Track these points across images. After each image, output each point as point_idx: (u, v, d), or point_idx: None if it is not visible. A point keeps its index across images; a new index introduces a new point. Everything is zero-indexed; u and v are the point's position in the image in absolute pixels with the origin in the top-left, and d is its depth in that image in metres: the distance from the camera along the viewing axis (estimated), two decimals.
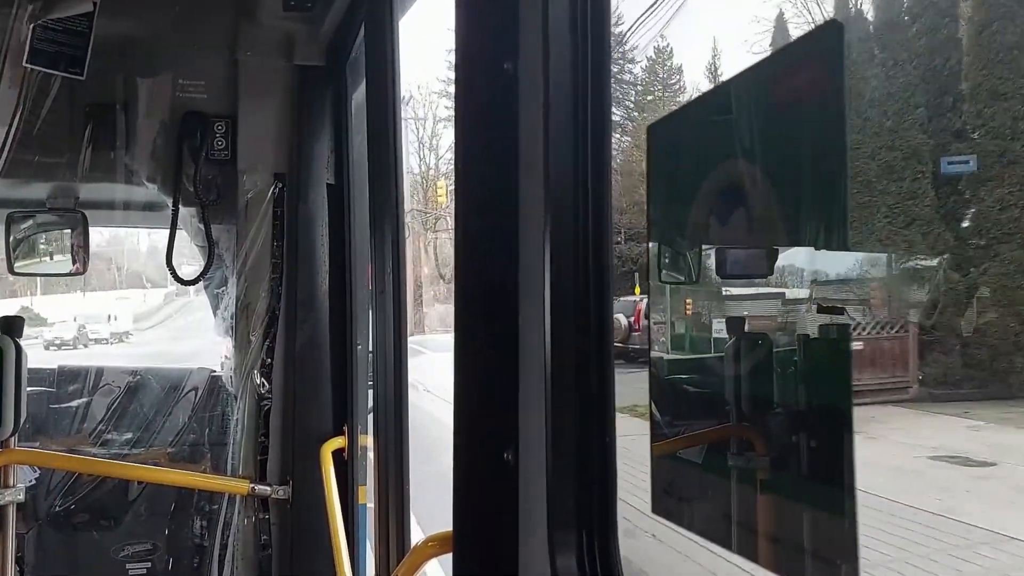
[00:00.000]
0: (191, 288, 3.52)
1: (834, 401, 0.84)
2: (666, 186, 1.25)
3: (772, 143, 0.89)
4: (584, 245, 1.25)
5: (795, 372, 0.92)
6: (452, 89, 1.54)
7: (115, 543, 3.51)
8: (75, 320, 28.83)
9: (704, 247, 1.12)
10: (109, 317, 30.87)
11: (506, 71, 1.35)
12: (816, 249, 0.83)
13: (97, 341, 28.30)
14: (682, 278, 1.39)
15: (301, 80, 3.16)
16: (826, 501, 0.83)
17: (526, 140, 1.32)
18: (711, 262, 1.12)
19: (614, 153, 1.18)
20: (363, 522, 3.02)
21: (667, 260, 1.29)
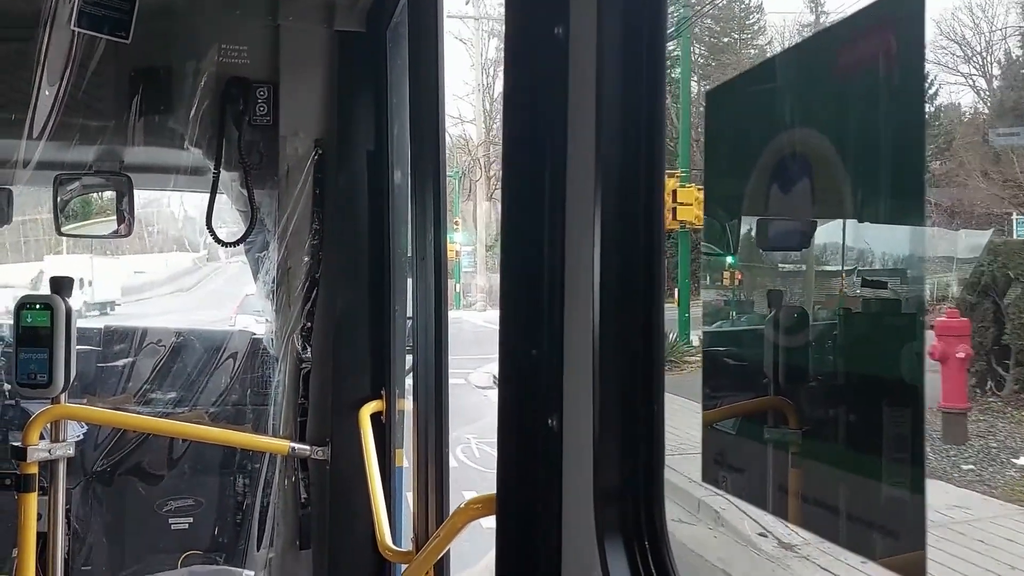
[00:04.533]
0: (221, 252, 3.55)
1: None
2: (725, 156, 1.23)
3: (841, 114, 0.88)
4: (635, 214, 1.24)
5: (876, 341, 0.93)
6: None
7: (159, 498, 3.61)
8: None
9: (761, 218, 1.10)
10: (82, 282, 25.00)
11: (556, 36, 1.32)
12: (885, 224, 0.81)
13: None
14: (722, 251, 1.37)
15: (341, 46, 3.16)
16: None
17: (576, 111, 1.30)
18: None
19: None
20: (399, 484, 3.08)
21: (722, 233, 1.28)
